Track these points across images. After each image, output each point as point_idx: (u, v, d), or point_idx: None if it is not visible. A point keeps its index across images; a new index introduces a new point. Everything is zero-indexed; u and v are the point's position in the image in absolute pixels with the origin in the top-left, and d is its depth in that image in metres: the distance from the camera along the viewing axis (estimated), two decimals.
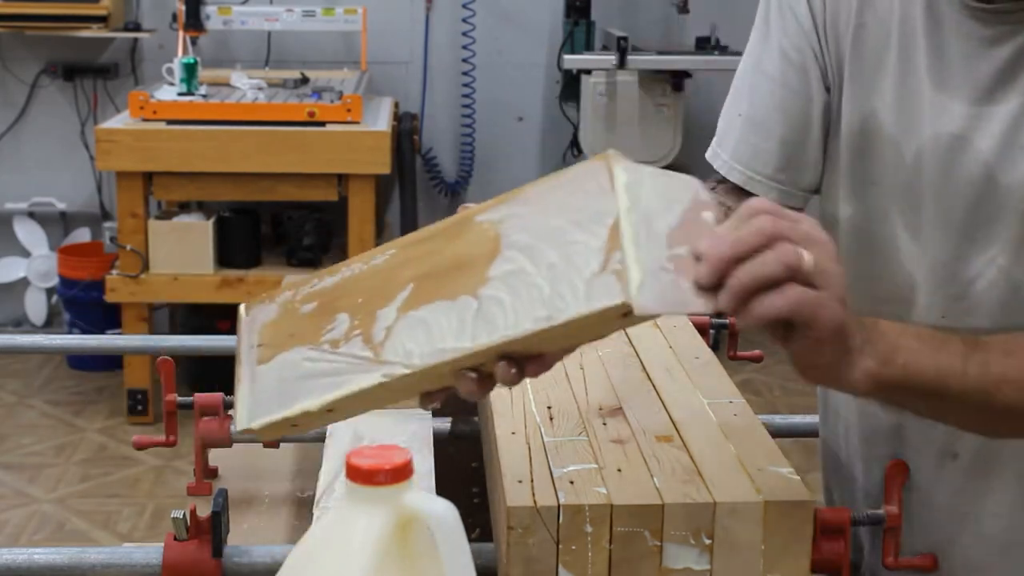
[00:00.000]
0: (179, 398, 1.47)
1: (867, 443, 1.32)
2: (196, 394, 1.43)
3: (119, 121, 4.12)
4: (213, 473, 1.50)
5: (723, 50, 4.63)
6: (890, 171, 1.20)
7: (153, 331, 4.30)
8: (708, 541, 1.09)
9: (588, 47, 4.71)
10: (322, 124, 4.03)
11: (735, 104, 1.32)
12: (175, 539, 1.15)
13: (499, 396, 1.31)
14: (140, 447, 1.47)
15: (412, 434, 1.36)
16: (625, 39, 4.48)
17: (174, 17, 4.47)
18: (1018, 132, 1.11)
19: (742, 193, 1.28)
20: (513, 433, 1.22)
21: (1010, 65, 1.11)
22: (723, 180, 1.32)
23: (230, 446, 1.45)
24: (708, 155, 1.34)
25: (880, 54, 1.19)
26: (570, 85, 4.75)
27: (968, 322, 1.17)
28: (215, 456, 1.51)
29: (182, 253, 4.10)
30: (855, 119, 1.22)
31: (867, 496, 1.32)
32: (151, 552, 1.16)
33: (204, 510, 1.16)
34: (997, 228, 1.14)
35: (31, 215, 4.95)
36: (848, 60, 1.22)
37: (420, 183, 4.91)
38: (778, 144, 1.28)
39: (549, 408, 1.28)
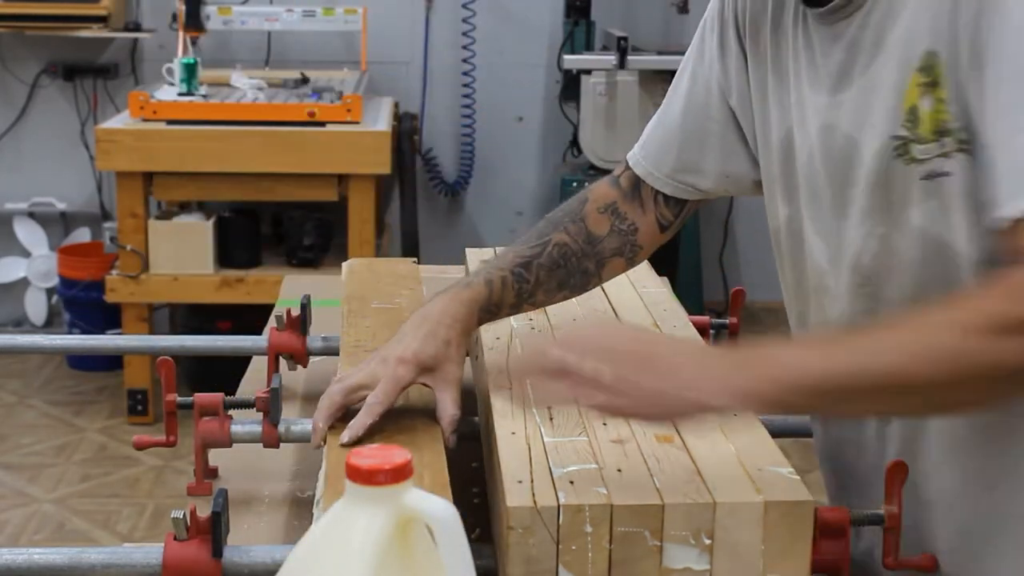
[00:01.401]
0: (179, 398, 1.47)
1: None
2: (196, 394, 1.43)
3: (119, 121, 4.11)
4: (213, 473, 1.50)
5: None
6: (801, 171, 1.32)
7: (153, 331, 4.30)
8: (708, 541, 1.09)
9: (588, 47, 4.71)
10: (322, 124, 4.03)
11: (660, 108, 1.53)
12: (175, 539, 1.15)
13: (499, 396, 1.31)
14: (140, 447, 1.47)
15: None
16: (625, 39, 4.48)
17: (174, 17, 4.47)
18: (867, 110, 1.21)
19: (643, 185, 1.50)
20: (513, 433, 1.22)
21: (849, 55, 1.24)
22: (627, 168, 1.52)
23: (230, 446, 1.44)
24: (632, 151, 1.54)
25: (788, 67, 1.33)
26: (570, 85, 4.75)
27: (878, 302, 1.24)
28: (215, 456, 1.51)
29: (182, 253, 4.10)
30: (782, 128, 1.35)
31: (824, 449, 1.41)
32: (151, 552, 1.16)
33: (204, 510, 1.16)
34: (868, 201, 1.23)
35: (31, 215, 4.95)
36: (770, 77, 1.36)
37: (420, 183, 4.90)
38: (676, 151, 1.48)
39: (549, 408, 1.28)
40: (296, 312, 1.72)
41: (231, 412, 1.45)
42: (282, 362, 1.73)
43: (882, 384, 1.05)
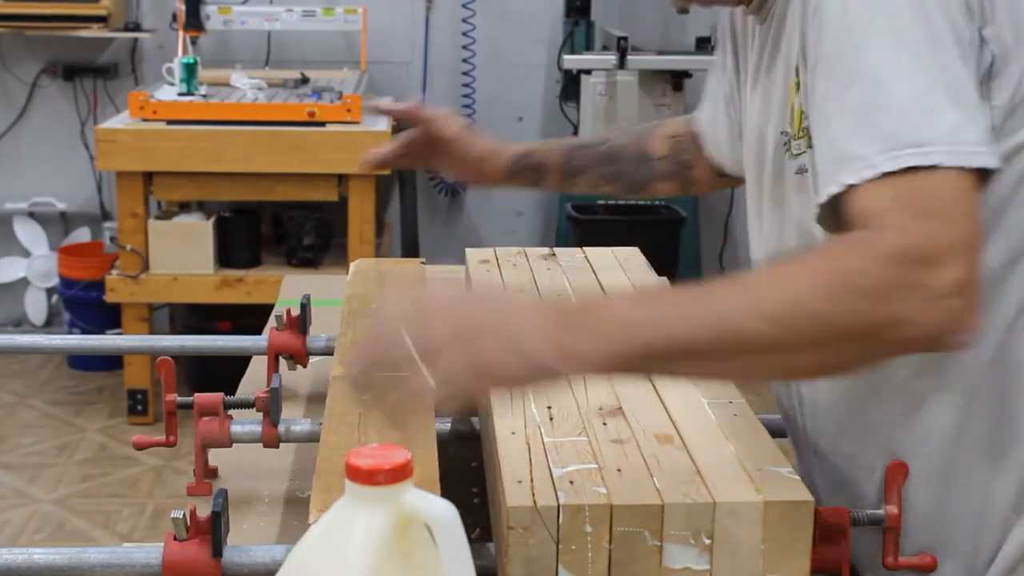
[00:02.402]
0: (179, 398, 1.47)
1: None
2: (196, 394, 1.43)
3: (119, 121, 4.12)
4: (213, 473, 1.50)
5: None
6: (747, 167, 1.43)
7: (153, 331, 4.30)
8: (708, 541, 1.09)
9: (588, 47, 4.71)
10: (322, 124, 4.03)
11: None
12: (175, 539, 1.15)
13: (499, 396, 1.31)
14: (140, 447, 1.47)
15: None
16: (625, 39, 4.48)
17: (174, 17, 4.47)
18: (768, 108, 1.30)
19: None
20: (513, 433, 1.22)
21: (760, 56, 1.32)
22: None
23: (230, 446, 1.44)
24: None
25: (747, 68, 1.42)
26: (570, 85, 4.75)
27: None
28: (215, 456, 1.51)
29: (182, 253, 4.10)
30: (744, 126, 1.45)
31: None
32: (151, 552, 1.16)
33: (204, 510, 1.16)
34: (771, 193, 1.31)
35: (31, 215, 4.95)
36: (739, 78, 1.47)
37: (420, 183, 4.90)
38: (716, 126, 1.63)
39: (549, 408, 1.28)
40: (296, 312, 1.72)
41: (231, 412, 1.45)
42: (282, 362, 1.73)
43: (722, 358, 1.01)
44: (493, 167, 1.69)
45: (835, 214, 1.07)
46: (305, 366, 1.74)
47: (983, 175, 1.04)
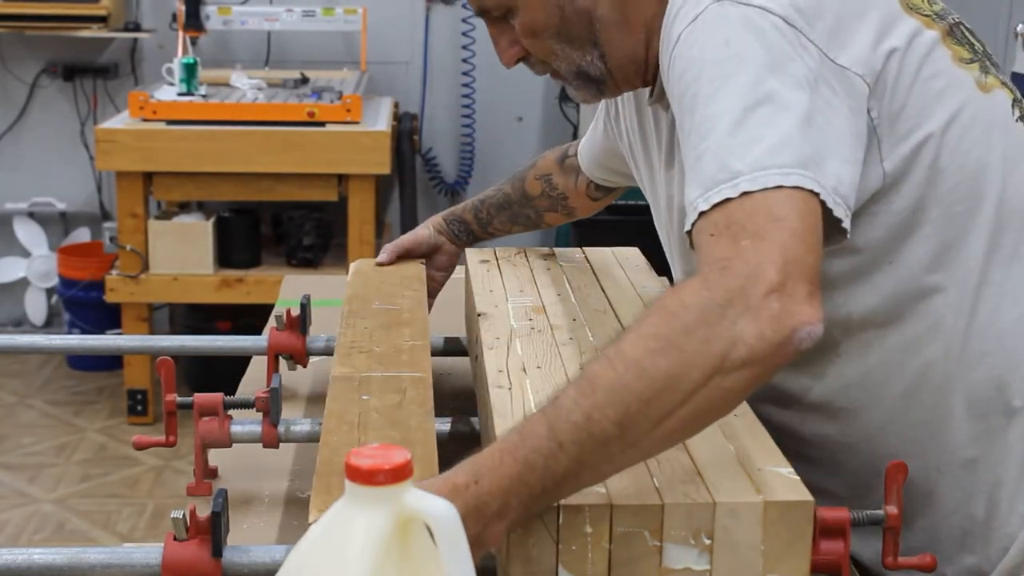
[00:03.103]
0: (179, 398, 1.47)
1: None
2: (196, 394, 1.43)
3: (119, 121, 4.11)
4: (213, 473, 1.50)
5: None
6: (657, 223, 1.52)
7: (153, 331, 4.30)
8: (708, 541, 1.09)
9: None
10: (322, 124, 4.03)
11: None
12: (175, 539, 1.15)
13: (499, 396, 1.31)
14: (140, 447, 1.47)
15: None
16: None
17: (174, 17, 4.47)
18: (681, 185, 1.27)
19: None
20: None
21: (670, 132, 1.38)
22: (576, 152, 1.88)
23: (230, 446, 1.45)
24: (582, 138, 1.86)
25: (650, 147, 1.50)
26: None
27: None
28: (215, 456, 1.51)
29: (182, 253, 4.10)
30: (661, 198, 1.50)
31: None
32: (151, 552, 1.16)
33: (204, 510, 1.16)
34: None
35: (31, 215, 4.95)
36: (641, 155, 1.54)
37: (420, 183, 4.91)
38: (596, 156, 1.82)
39: None
40: (296, 312, 1.72)
41: (231, 412, 1.45)
42: (282, 362, 1.73)
43: (606, 459, 1.03)
44: (440, 242, 1.93)
45: None
46: (305, 366, 1.74)
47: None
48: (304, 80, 4.50)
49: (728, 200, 1.06)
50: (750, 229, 1.03)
